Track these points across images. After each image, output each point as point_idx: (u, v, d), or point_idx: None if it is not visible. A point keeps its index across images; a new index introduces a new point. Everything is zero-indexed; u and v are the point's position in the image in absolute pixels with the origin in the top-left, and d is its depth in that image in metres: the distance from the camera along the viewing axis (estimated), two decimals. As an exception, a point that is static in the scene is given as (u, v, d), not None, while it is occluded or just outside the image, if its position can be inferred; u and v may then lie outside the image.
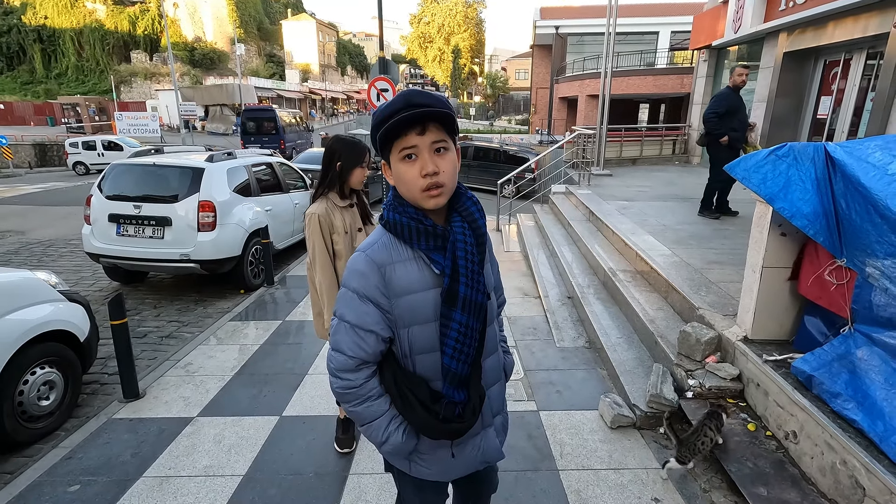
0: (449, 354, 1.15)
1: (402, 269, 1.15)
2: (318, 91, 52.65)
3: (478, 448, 1.31)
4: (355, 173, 2.38)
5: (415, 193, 1.12)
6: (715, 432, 2.33)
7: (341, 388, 1.20)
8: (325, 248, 2.34)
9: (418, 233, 1.14)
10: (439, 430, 1.20)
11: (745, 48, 9.99)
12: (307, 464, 2.59)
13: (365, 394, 1.20)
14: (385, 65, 8.21)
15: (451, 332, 1.14)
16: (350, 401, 1.21)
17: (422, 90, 1.11)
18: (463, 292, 1.13)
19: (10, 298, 2.85)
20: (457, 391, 1.18)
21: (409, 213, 1.15)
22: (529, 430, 2.83)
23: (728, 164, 2.60)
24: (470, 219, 1.20)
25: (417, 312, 1.16)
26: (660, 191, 7.84)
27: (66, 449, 2.71)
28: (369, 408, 1.20)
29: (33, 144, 24.60)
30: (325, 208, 2.34)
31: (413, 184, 1.11)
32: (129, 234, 5.11)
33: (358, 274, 1.16)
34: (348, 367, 1.18)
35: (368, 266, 1.15)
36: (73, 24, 48.14)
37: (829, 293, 2.35)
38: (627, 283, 4.24)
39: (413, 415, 1.19)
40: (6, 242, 7.95)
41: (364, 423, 1.22)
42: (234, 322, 4.54)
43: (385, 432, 1.21)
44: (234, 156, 5.87)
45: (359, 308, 1.16)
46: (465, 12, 61.32)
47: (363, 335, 1.16)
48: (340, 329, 1.18)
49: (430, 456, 1.29)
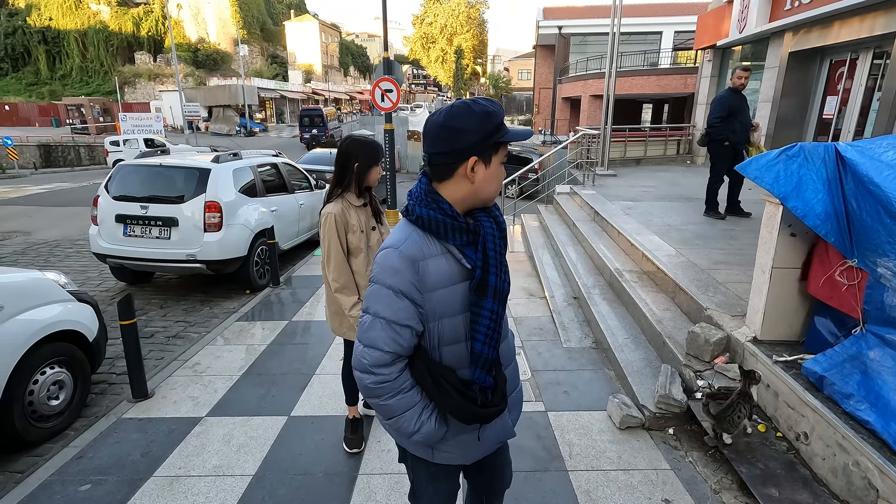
0: (481, 341, 1.22)
1: (434, 265, 1.19)
2: (321, 92, 52.67)
3: (495, 428, 1.37)
4: (373, 172, 2.43)
5: (493, 192, 1.25)
6: (748, 408, 2.37)
7: (375, 383, 1.21)
8: (341, 247, 2.37)
9: (453, 229, 1.19)
10: (476, 415, 1.25)
11: (750, 48, 9.97)
12: (316, 464, 2.60)
13: (398, 387, 1.22)
14: (389, 66, 8.21)
15: (483, 319, 1.22)
16: (383, 394, 1.23)
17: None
18: (493, 282, 1.21)
19: (21, 299, 2.87)
20: (487, 376, 1.25)
21: (445, 210, 1.19)
22: (538, 431, 2.83)
23: (740, 164, 2.60)
24: (493, 216, 1.28)
25: (448, 305, 1.21)
26: (664, 191, 7.83)
27: (76, 448, 2.73)
28: (402, 400, 1.23)
29: (38, 145, 24.70)
30: (340, 208, 2.38)
31: (499, 184, 1.25)
32: (135, 235, 5.13)
33: (392, 270, 1.18)
34: (384, 362, 1.20)
35: (403, 262, 1.17)
36: (77, 26, 48.30)
37: (839, 294, 2.34)
38: (634, 283, 4.24)
39: (450, 402, 1.23)
40: (13, 243, 7.99)
41: (394, 415, 1.25)
42: (240, 322, 4.55)
43: (418, 422, 1.24)
44: (239, 156, 5.88)
45: (394, 304, 1.18)
46: (467, 13, 61.35)
47: (399, 330, 1.19)
48: (375, 325, 1.20)
49: (453, 441, 1.33)
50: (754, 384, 2.37)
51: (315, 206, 6.79)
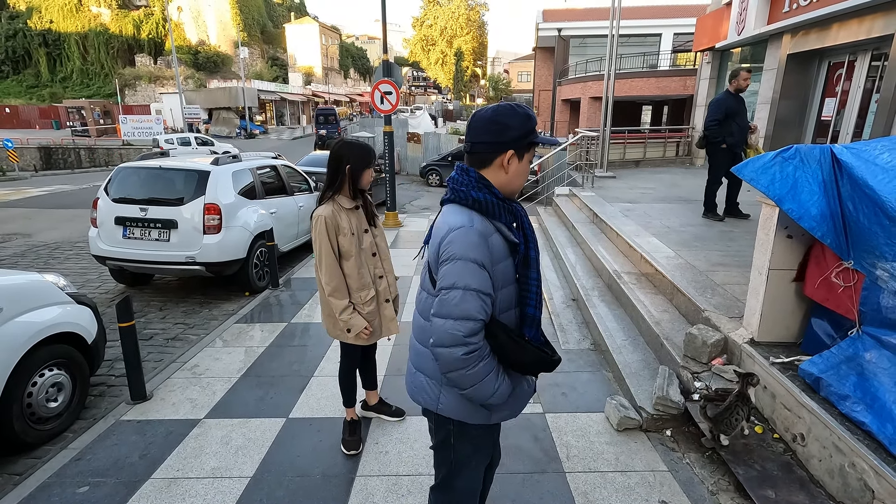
0: (532, 305, 1.45)
1: (495, 241, 1.37)
2: (321, 94, 52.73)
3: (530, 384, 1.56)
4: (365, 175, 2.44)
5: (521, 183, 1.44)
6: (745, 410, 2.37)
7: (468, 353, 1.30)
8: (332, 249, 2.38)
9: (502, 209, 1.39)
10: (549, 362, 1.43)
11: (749, 50, 9.99)
12: (314, 465, 2.60)
13: (486, 352, 1.35)
14: (389, 68, 8.24)
15: (532, 287, 1.44)
16: (472, 363, 1.32)
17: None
18: (533, 255, 1.44)
19: (20, 301, 2.87)
20: (538, 333, 1.48)
21: (496, 193, 1.39)
22: (535, 432, 2.83)
23: (735, 166, 2.61)
24: (517, 202, 1.50)
25: (505, 277, 1.39)
26: (663, 193, 7.84)
27: (74, 450, 2.73)
28: (487, 364, 1.35)
29: (39, 148, 24.79)
30: (331, 210, 2.38)
31: (524, 179, 1.45)
32: (135, 237, 5.13)
33: (474, 245, 1.31)
34: (475, 331, 1.31)
35: (480, 238, 1.32)
36: (78, 28, 48.41)
37: (836, 295, 2.34)
38: (632, 285, 4.24)
39: (530, 355, 1.40)
40: (12, 245, 8.00)
41: (478, 381, 1.35)
42: (239, 324, 4.56)
43: (496, 382, 1.38)
44: (239, 159, 5.90)
45: (480, 275, 1.31)
46: (467, 15, 61.49)
47: (486, 299, 1.32)
48: (468, 297, 1.30)
49: (511, 398, 1.46)
50: (752, 387, 2.37)
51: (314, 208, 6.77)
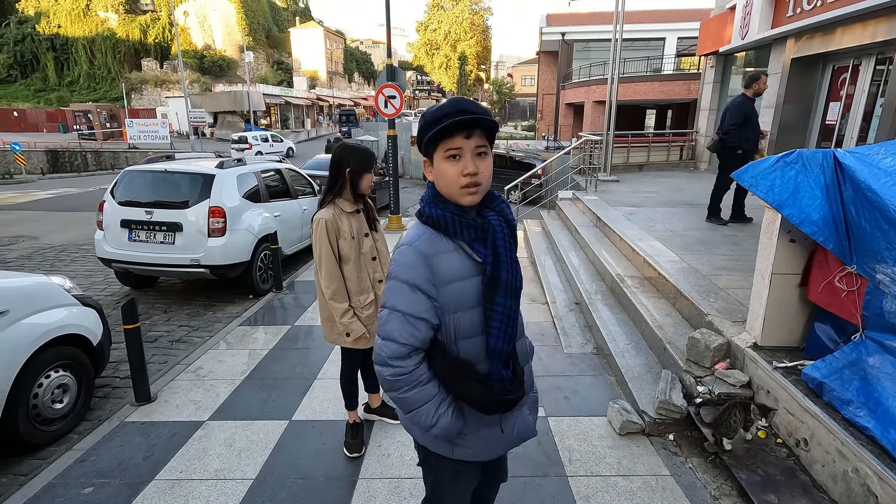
0: (495, 335, 1.26)
1: (446, 260, 1.25)
2: (326, 98, 52.95)
3: (514, 425, 1.40)
4: (364, 179, 2.44)
5: (453, 190, 1.23)
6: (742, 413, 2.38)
7: (392, 375, 1.26)
8: (332, 253, 2.39)
9: (461, 226, 1.24)
10: (497, 403, 1.29)
11: (753, 54, 9.99)
12: (317, 468, 2.61)
13: (415, 379, 1.26)
14: (393, 72, 8.28)
15: (496, 315, 1.25)
16: (400, 387, 1.27)
17: (470, 99, 1.24)
18: (504, 278, 1.25)
19: (27, 303, 2.90)
20: (505, 369, 1.29)
21: (451, 209, 1.25)
22: (538, 436, 2.80)
23: (735, 172, 2.61)
24: (502, 214, 1.32)
25: (462, 299, 1.26)
26: (667, 197, 7.83)
27: (79, 452, 2.75)
28: (419, 393, 1.26)
29: (46, 151, 25.04)
30: (332, 214, 2.40)
31: (453, 181, 1.21)
32: (140, 240, 5.17)
33: (407, 266, 1.24)
34: (400, 355, 1.24)
35: (417, 258, 1.23)
36: (85, 33, 48.89)
37: (839, 300, 2.34)
38: (635, 288, 4.24)
39: (471, 391, 1.27)
40: (20, 247, 8.07)
41: (412, 408, 1.29)
42: (243, 327, 4.58)
43: (435, 415, 1.28)
44: (243, 162, 5.94)
45: (409, 297, 1.23)
46: (471, 20, 61.70)
47: (415, 322, 1.23)
48: (392, 318, 1.25)
49: (472, 436, 1.35)
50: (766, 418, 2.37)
51: (317, 211, 6.81)
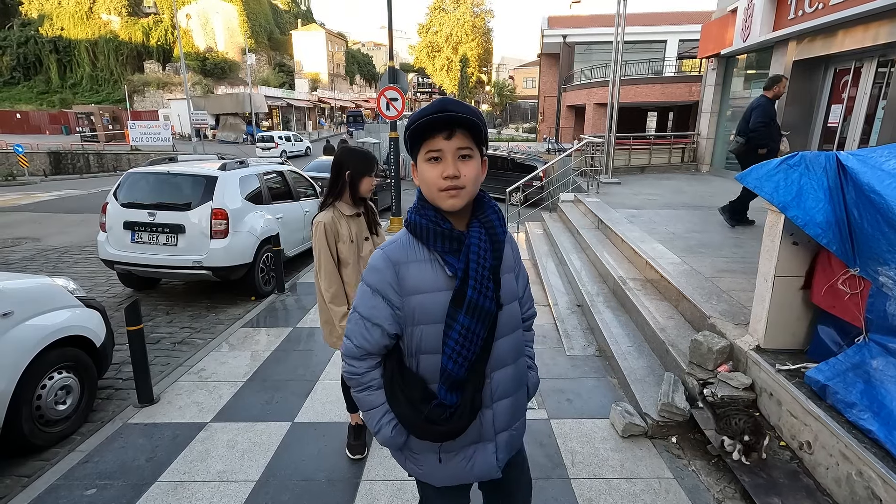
0: (447, 354, 1.16)
1: (417, 269, 1.19)
2: (327, 100, 53.07)
3: (468, 460, 1.29)
4: (364, 182, 2.43)
5: (433, 193, 1.16)
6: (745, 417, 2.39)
7: (346, 372, 1.29)
8: (331, 256, 2.38)
9: (435, 234, 1.18)
10: (422, 430, 1.22)
11: (754, 56, 9.99)
12: (319, 470, 2.61)
13: (366, 382, 1.26)
14: (395, 74, 8.30)
15: (452, 332, 1.16)
16: (353, 386, 1.29)
17: (458, 100, 1.17)
18: (470, 295, 1.15)
19: (30, 304, 2.91)
20: (450, 394, 1.19)
21: (429, 216, 1.19)
22: (540, 439, 2.83)
23: (739, 174, 2.61)
24: (489, 226, 1.22)
25: (427, 312, 1.19)
26: (669, 199, 7.83)
27: (82, 453, 2.75)
28: (368, 396, 1.27)
29: (48, 153, 25.08)
30: (331, 217, 2.39)
31: (433, 183, 1.15)
32: (143, 241, 5.19)
33: (373, 269, 1.22)
34: (353, 355, 1.26)
35: (384, 263, 1.21)
36: (88, 36, 49.13)
37: (842, 302, 2.34)
38: (637, 291, 4.24)
39: (398, 409, 1.23)
40: (22, 249, 8.09)
41: (364, 409, 1.30)
42: (245, 329, 4.58)
43: (378, 423, 1.27)
44: (246, 164, 5.95)
45: (370, 301, 1.22)
46: (472, 22, 61.74)
47: (370, 328, 1.22)
48: (352, 318, 1.26)
49: (420, 456, 1.30)
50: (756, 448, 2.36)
51: (319, 213, 6.83)
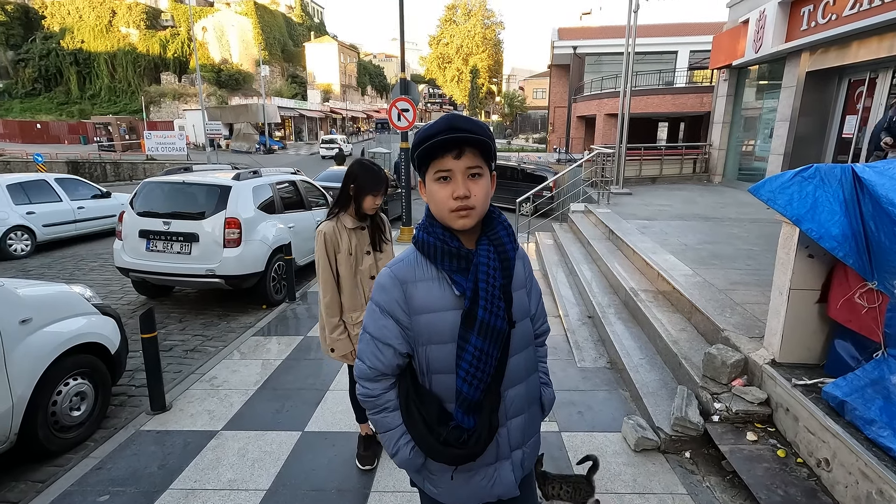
0: (462, 377, 1.15)
1: (424, 288, 1.18)
2: (339, 110, 53.74)
3: (489, 479, 1.26)
4: (367, 199, 2.38)
5: (444, 213, 1.15)
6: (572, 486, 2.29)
7: (361, 395, 1.26)
8: (329, 265, 2.39)
9: (443, 253, 1.16)
10: (439, 453, 1.19)
11: (767, 67, 9.94)
12: (329, 480, 2.61)
13: (381, 404, 1.24)
14: (406, 86, 8.38)
15: (465, 354, 1.14)
16: (369, 408, 1.27)
17: (466, 116, 1.14)
18: (481, 316, 1.13)
19: (49, 311, 2.97)
20: (467, 416, 1.17)
21: (437, 234, 1.17)
22: (552, 452, 2.80)
23: (752, 187, 2.59)
24: (497, 243, 1.20)
25: (436, 331, 1.17)
26: (680, 210, 7.78)
27: (95, 459, 2.78)
28: (384, 418, 1.25)
29: (66, 162, 25.66)
30: (333, 227, 2.39)
31: (443, 204, 1.13)
32: (157, 250, 5.26)
33: (381, 288, 1.21)
34: (367, 377, 1.24)
35: (391, 282, 1.19)
36: (107, 48, 50.54)
37: (859, 317, 2.30)
38: (649, 302, 4.20)
39: (415, 432, 1.20)
40: (40, 256, 8.24)
41: (380, 431, 1.28)
42: (256, 337, 4.61)
43: (395, 445, 1.24)
44: (259, 174, 6.03)
45: (379, 321, 1.21)
46: (483, 34, 62.25)
47: (381, 348, 1.20)
48: (363, 339, 1.24)
49: (438, 477, 1.27)
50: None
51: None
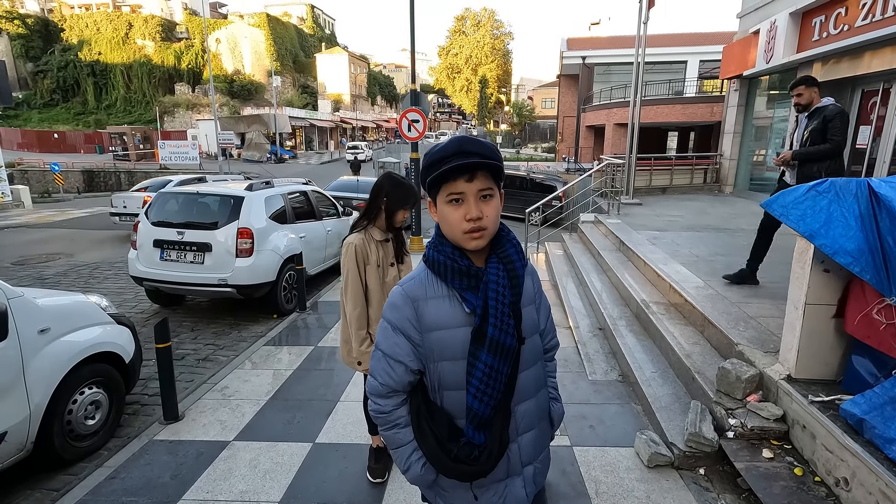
0: (472, 394, 1.16)
1: (435, 305, 1.20)
2: (349, 120, 54.28)
3: (500, 496, 1.28)
4: (399, 214, 2.44)
5: (457, 234, 1.16)
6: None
7: (373, 411, 1.28)
8: (359, 277, 2.41)
9: (453, 271, 1.18)
10: (450, 469, 1.20)
11: (778, 77, 9.90)
12: (340, 492, 2.60)
13: (393, 420, 1.26)
14: (416, 97, 8.46)
15: (476, 371, 1.16)
16: (381, 424, 1.28)
17: (474, 137, 1.15)
18: (491, 333, 1.14)
19: (66, 321, 3.02)
20: (477, 433, 1.18)
21: (447, 253, 1.19)
22: (563, 466, 2.78)
23: (765, 201, 2.58)
24: (506, 260, 1.21)
25: (447, 348, 1.19)
26: (692, 220, 7.73)
27: (109, 469, 2.81)
28: (396, 434, 1.26)
29: (82, 171, 26.17)
30: (362, 239, 2.42)
31: (456, 226, 1.14)
32: (171, 259, 5.33)
33: (393, 306, 1.23)
34: (379, 393, 1.26)
35: (403, 300, 1.22)
36: (123, 60, 51.74)
37: (878, 332, 2.27)
38: (661, 315, 4.17)
39: (426, 448, 1.22)
40: (56, 264, 8.38)
41: (392, 447, 1.29)
42: (267, 347, 4.64)
43: (407, 461, 1.25)
44: (271, 185, 6.10)
45: (391, 338, 1.23)
46: (492, 44, 62.71)
47: (393, 364, 1.22)
48: (375, 356, 1.26)
49: (451, 493, 1.28)
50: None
51: (342, 232, 6.96)
